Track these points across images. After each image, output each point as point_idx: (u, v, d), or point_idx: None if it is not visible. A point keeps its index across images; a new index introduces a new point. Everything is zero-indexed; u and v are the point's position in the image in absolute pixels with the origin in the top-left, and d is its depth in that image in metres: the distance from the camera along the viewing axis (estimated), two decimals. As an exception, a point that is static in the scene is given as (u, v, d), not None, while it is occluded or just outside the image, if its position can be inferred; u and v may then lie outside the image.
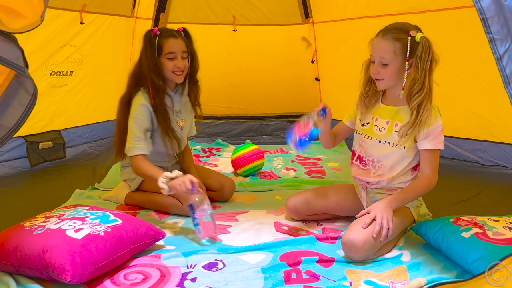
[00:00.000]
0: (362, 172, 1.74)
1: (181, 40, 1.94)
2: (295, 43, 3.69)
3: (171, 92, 2.02)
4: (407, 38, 1.53)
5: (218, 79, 3.62)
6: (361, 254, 1.48)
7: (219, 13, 3.56)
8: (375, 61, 1.61)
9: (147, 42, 1.91)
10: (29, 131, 2.69)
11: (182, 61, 1.94)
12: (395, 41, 1.55)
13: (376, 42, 1.59)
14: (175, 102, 2.04)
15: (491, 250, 1.31)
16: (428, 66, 1.52)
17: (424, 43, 1.51)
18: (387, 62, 1.57)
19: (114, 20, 3.14)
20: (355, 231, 1.50)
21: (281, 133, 3.77)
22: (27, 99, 1.15)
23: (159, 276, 1.40)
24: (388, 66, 1.57)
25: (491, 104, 2.55)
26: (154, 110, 1.92)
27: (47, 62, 2.72)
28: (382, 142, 1.67)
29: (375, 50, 1.60)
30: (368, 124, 1.74)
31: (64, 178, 2.54)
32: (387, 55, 1.56)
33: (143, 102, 1.90)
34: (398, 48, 1.54)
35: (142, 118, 1.90)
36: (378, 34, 1.60)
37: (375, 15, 2.95)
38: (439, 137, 1.59)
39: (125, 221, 1.53)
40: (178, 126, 2.05)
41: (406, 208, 1.67)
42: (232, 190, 2.17)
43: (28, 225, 1.45)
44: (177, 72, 1.94)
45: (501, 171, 2.56)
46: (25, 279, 1.35)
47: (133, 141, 1.88)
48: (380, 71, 1.59)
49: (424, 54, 1.51)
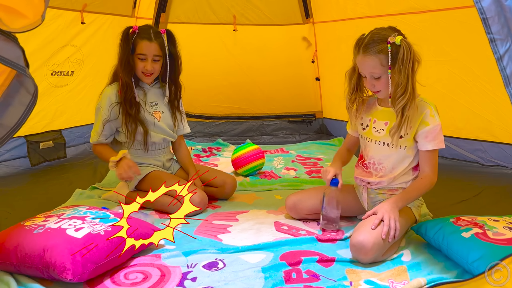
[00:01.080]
0: (365, 174, 1.75)
1: (155, 44, 1.99)
2: (296, 43, 3.70)
3: (146, 85, 2.09)
4: (387, 46, 1.53)
5: (218, 79, 3.62)
6: (371, 256, 1.47)
7: (219, 13, 3.56)
8: (366, 76, 1.62)
9: (123, 39, 1.99)
10: (30, 131, 2.70)
11: (152, 63, 2.00)
12: (378, 54, 1.54)
13: (361, 59, 1.59)
14: (149, 95, 2.09)
15: (491, 250, 1.31)
16: (410, 68, 1.52)
17: (404, 46, 1.51)
18: (378, 75, 1.58)
19: (115, 20, 3.14)
20: (364, 232, 1.49)
21: (282, 133, 3.78)
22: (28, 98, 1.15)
23: (160, 275, 1.40)
24: (381, 78, 1.58)
25: (491, 104, 2.55)
26: (122, 100, 2.01)
27: (48, 62, 2.73)
28: (382, 144, 1.68)
29: (363, 67, 1.60)
30: (367, 127, 1.74)
31: (64, 177, 2.55)
32: (375, 70, 1.57)
33: (108, 94, 2.02)
34: (383, 59, 1.55)
35: (102, 109, 2.02)
36: (359, 50, 1.59)
37: (376, 15, 2.95)
38: (438, 137, 1.59)
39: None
40: (153, 117, 2.09)
41: (408, 208, 1.67)
42: (234, 187, 2.18)
43: (28, 225, 1.45)
44: (146, 73, 2.01)
45: (501, 171, 2.56)
46: (25, 278, 1.35)
47: (93, 130, 2.06)
48: (375, 84, 1.60)
49: (405, 57, 1.51)
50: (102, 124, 2.03)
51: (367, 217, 1.57)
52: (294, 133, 3.79)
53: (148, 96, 2.09)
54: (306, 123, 3.83)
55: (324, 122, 3.84)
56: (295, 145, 3.42)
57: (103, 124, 2.03)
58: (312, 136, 3.76)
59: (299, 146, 3.37)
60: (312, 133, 3.82)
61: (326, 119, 3.82)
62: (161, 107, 2.13)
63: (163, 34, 2.01)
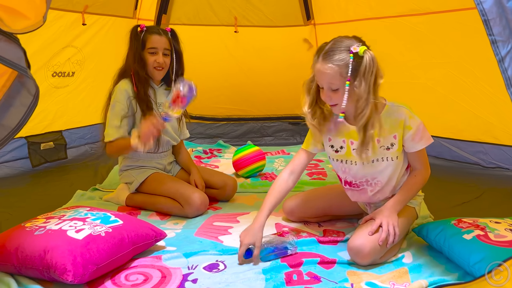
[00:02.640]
0: (359, 194, 1.67)
1: (165, 38, 2.03)
2: (297, 44, 3.69)
3: (155, 85, 2.09)
4: (349, 56, 1.40)
5: (219, 81, 3.62)
6: (368, 260, 1.46)
7: (220, 15, 3.56)
8: (323, 87, 1.48)
9: (132, 35, 2.02)
10: (31, 132, 2.70)
11: (163, 57, 2.02)
12: (338, 63, 1.41)
13: (320, 67, 1.44)
14: (158, 95, 2.09)
15: (493, 252, 1.31)
16: (372, 82, 1.40)
17: (368, 57, 1.39)
18: (336, 87, 1.44)
19: (116, 21, 3.14)
20: (362, 237, 1.48)
21: (283, 135, 3.77)
22: (29, 99, 1.15)
23: (160, 277, 1.40)
24: (339, 91, 1.44)
25: (492, 106, 2.55)
26: (135, 96, 1.98)
27: (49, 63, 2.73)
28: (371, 161, 1.58)
29: (321, 76, 1.46)
30: (342, 149, 1.62)
31: (65, 179, 2.55)
32: (334, 80, 1.43)
33: (124, 88, 1.98)
34: (343, 69, 1.41)
35: (120, 104, 1.97)
36: (318, 57, 1.46)
37: (377, 17, 2.95)
38: (425, 135, 1.54)
39: (126, 221, 1.53)
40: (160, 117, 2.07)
41: (411, 207, 1.65)
42: (235, 188, 2.18)
43: (29, 226, 1.45)
44: (157, 67, 2.02)
45: (502, 173, 2.56)
46: (26, 279, 1.35)
47: (109, 127, 1.96)
48: (332, 97, 1.47)
49: (367, 70, 1.39)
50: (120, 118, 1.96)
51: (365, 222, 1.56)
52: (295, 134, 3.79)
53: (157, 96, 2.09)
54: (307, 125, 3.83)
55: (324, 123, 3.83)
56: (296, 147, 3.41)
57: (121, 118, 1.96)
58: (313, 137, 3.76)
59: (300, 148, 3.37)
60: (313, 135, 3.81)
61: (327, 121, 3.81)
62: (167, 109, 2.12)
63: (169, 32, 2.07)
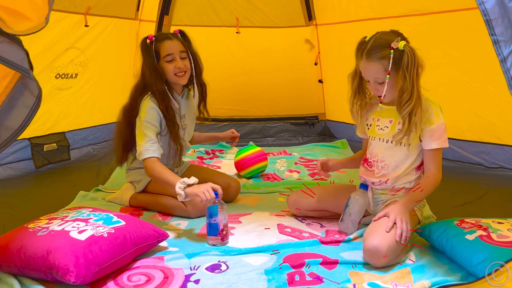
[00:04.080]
0: (368, 173, 1.76)
1: (177, 41, 1.95)
2: (299, 45, 3.70)
3: (178, 96, 2.02)
4: (390, 52, 1.53)
5: (221, 81, 3.62)
6: (386, 260, 1.44)
7: (222, 16, 3.57)
8: (370, 80, 1.62)
9: (143, 50, 1.92)
10: (34, 133, 2.71)
11: (182, 61, 1.93)
12: (381, 60, 1.55)
13: (364, 64, 1.60)
14: (182, 107, 2.03)
15: (495, 253, 1.30)
16: (415, 73, 1.52)
17: (409, 51, 1.51)
18: (382, 80, 1.58)
19: (119, 22, 3.16)
20: (378, 236, 1.47)
21: (285, 135, 3.78)
22: (32, 100, 1.16)
23: (163, 277, 1.40)
24: (384, 83, 1.58)
25: (495, 106, 2.54)
26: (162, 114, 1.91)
27: (52, 65, 2.74)
28: (385, 141, 1.69)
29: (366, 72, 1.61)
30: (370, 125, 1.75)
31: (68, 180, 2.56)
32: (379, 75, 1.58)
33: (152, 105, 1.89)
34: (386, 65, 1.55)
35: (153, 121, 1.88)
36: (361, 55, 1.59)
37: (379, 17, 2.95)
38: (443, 136, 1.60)
39: (128, 222, 1.54)
40: (183, 130, 2.06)
41: (412, 210, 1.66)
42: (238, 190, 2.18)
43: (32, 227, 1.46)
44: (179, 73, 1.93)
45: (505, 174, 2.55)
46: (29, 280, 1.36)
47: (145, 143, 1.85)
48: (379, 88, 1.61)
49: (410, 63, 1.51)
50: (156, 136, 1.87)
51: (378, 218, 1.56)
52: (297, 135, 3.79)
53: (181, 108, 2.02)
54: (309, 125, 3.83)
55: (327, 124, 3.83)
56: (298, 147, 3.41)
57: (156, 136, 1.88)
58: (315, 138, 3.76)
59: (302, 148, 3.37)
60: (315, 135, 3.82)
61: (329, 121, 3.82)
62: (188, 120, 2.09)
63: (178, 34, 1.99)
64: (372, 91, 1.66)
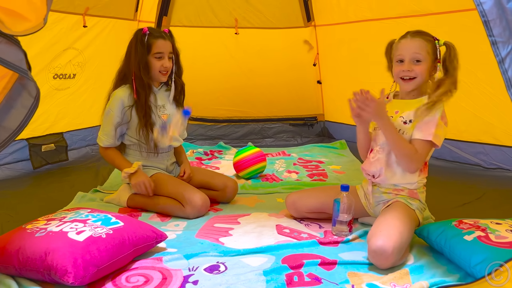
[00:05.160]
0: (369, 164, 1.75)
1: (169, 42, 2.04)
2: (297, 46, 3.71)
3: (155, 88, 2.10)
4: (434, 41, 1.61)
5: (220, 82, 3.63)
6: (392, 261, 1.43)
7: (221, 17, 3.58)
8: (404, 59, 1.63)
9: (138, 40, 2.01)
10: (32, 134, 2.71)
11: (169, 61, 2.03)
12: (426, 41, 1.61)
13: (408, 41, 1.64)
14: (158, 98, 2.10)
15: (494, 253, 1.31)
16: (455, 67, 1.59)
17: (452, 46, 1.60)
18: (421, 58, 1.61)
19: (117, 23, 3.15)
20: (382, 237, 1.45)
21: (283, 136, 3.78)
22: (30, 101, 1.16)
23: (161, 278, 1.40)
24: (422, 63, 1.61)
25: (493, 107, 2.55)
26: (134, 104, 2.00)
27: (50, 65, 2.74)
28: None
29: (407, 48, 1.63)
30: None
31: (66, 180, 2.55)
32: (421, 51, 1.61)
33: (120, 96, 2.00)
34: (430, 47, 1.61)
35: (113, 112, 2.00)
36: (405, 36, 1.65)
37: (377, 18, 2.95)
38: (430, 129, 1.60)
39: (126, 223, 1.53)
40: (161, 119, 2.08)
41: (412, 211, 1.66)
42: (235, 190, 2.18)
43: (30, 228, 1.45)
44: (163, 71, 2.03)
45: (503, 174, 2.56)
46: (27, 281, 1.35)
47: (102, 133, 2.03)
48: (414, 68, 1.62)
49: (452, 55, 1.59)
50: (114, 127, 2.02)
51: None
52: (296, 136, 3.80)
53: (158, 99, 2.09)
54: (307, 126, 3.84)
55: (325, 125, 3.84)
56: (297, 148, 3.42)
57: (115, 127, 2.02)
58: (314, 139, 3.76)
59: (301, 149, 3.37)
60: (313, 136, 3.82)
61: (328, 122, 3.82)
62: (168, 110, 2.13)
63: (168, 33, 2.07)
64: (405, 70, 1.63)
